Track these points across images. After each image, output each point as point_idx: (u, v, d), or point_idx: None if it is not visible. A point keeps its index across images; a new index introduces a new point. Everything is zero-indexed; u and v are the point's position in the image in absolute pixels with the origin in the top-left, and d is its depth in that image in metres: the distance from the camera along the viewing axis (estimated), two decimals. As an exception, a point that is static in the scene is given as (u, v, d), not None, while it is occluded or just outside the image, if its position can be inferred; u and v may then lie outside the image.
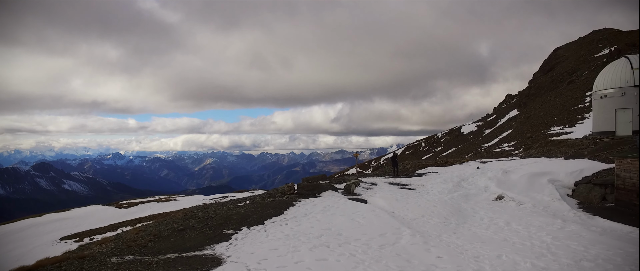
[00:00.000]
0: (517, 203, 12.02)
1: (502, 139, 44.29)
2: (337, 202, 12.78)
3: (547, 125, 37.42)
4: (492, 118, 64.11)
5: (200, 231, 10.27)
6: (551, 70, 58.32)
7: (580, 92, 42.08)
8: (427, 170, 21.84)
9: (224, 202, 16.02)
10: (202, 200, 35.52)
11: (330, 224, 10.03)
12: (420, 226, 9.73)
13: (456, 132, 67.02)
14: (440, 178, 17.71)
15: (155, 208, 32.98)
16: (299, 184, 15.68)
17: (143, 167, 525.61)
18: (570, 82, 47.89)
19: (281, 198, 14.39)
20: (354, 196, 14.56)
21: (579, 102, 39.72)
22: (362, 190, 15.71)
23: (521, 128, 43.01)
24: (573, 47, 60.65)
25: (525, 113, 49.47)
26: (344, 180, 19.39)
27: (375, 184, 17.21)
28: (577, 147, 20.79)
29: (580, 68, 50.27)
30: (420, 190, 15.45)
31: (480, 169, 18.55)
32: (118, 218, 30.20)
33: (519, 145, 36.51)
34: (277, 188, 16.55)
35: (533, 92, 56.42)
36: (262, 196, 15.48)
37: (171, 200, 37.81)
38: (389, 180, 18.83)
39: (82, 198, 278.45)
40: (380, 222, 9.87)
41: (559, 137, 31.39)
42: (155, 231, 10.95)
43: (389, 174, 22.75)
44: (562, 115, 38.30)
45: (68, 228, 29.70)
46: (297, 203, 13.16)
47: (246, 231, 9.97)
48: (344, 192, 15.38)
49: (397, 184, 17.36)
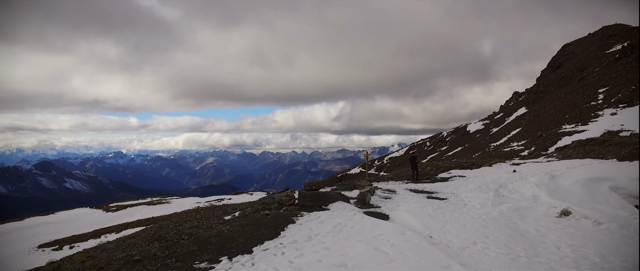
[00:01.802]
0: (594, 222, 8.94)
1: (510, 138, 42.00)
2: (350, 218, 9.72)
3: (559, 124, 35.15)
4: (499, 117, 61.48)
5: (163, 265, 7.30)
6: (560, 67, 55.66)
7: (592, 89, 39.58)
8: (451, 173, 18.99)
9: (209, 214, 13.00)
10: (196, 203, 33.08)
11: (345, 254, 7.04)
12: (479, 263, 6.71)
13: (462, 131, 64.27)
14: (472, 184, 14.74)
15: (145, 212, 30.75)
16: (301, 192, 12.48)
17: (144, 165, 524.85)
18: (581, 79, 45.33)
19: (278, 210, 11.34)
20: (371, 208, 11.48)
21: (591, 99, 37.21)
22: (380, 200, 12.65)
23: (531, 126, 40.61)
24: (583, 44, 57.92)
25: (534, 111, 47.04)
26: (354, 186, 16.17)
27: (394, 191, 14.35)
28: (629, 146, 17.75)
29: (591, 65, 47.72)
30: (452, 200, 12.37)
31: (518, 172, 15.69)
32: (104, 222, 28.13)
33: (529, 144, 34.06)
34: (274, 196, 13.48)
35: (542, 90, 53.91)
36: (254, 207, 12.28)
37: (163, 202, 35.53)
38: (409, 186, 15.90)
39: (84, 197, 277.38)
40: (418, 253, 6.86)
41: (571, 136, 29.03)
42: (104, 262, 7.99)
43: (406, 177, 19.83)
44: (574, 113, 36.00)
45: (50, 233, 27.42)
46: (298, 218, 10.17)
47: (225, 264, 7.02)
48: (357, 203, 12.31)
49: (420, 191, 14.41)
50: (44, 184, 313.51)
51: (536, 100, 52.02)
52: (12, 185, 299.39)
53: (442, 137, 68.77)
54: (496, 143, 40.92)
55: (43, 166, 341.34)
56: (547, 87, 52.29)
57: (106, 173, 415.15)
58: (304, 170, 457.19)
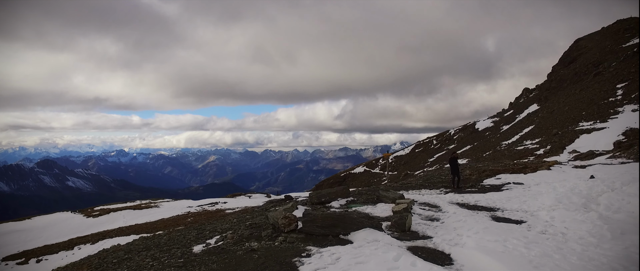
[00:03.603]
0: None
1: (523, 136, 40.89)
2: (391, 263, 5.86)
3: (575, 121, 34.00)
4: (509, 114, 60.32)
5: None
6: (573, 62, 54.30)
7: (609, 85, 38.37)
8: (501, 178, 15.47)
9: (177, 238, 11.09)
10: (187, 207, 30.88)
11: None
12: None
13: (470, 128, 63.15)
14: (541, 195, 11.17)
15: (129, 218, 28.66)
16: (307, 212, 8.25)
17: (147, 164, 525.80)
18: (597, 74, 44.04)
19: (272, 241, 7.68)
20: (417, 240, 7.53)
21: (609, 95, 36.00)
22: (424, 223, 8.79)
23: (545, 124, 39.49)
24: (596, 38, 56.51)
25: (547, 108, 45.87)
26: (378, 198, 11.85)
27: (438, 207, 10.72)
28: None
29: (607, 59, 46.35)
30: (534, 223, 8.60)
31: (599, 179, 12.12)
32: (82, 230, 26.20)
33: (544, 142, 32.98)
34: (268, 214, 9.39)
35: (554, 86, 52.69)
36: (239, 233, 8.92)
37: (152, 206, 33.37)
38: (454, 198, 12.24)
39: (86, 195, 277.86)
40: None
41: (590, 134, 27.89)
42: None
43: (439, 182, 17.05)
44: (591, 110, 34.82)
45: (20, 242, 25.30)
46: (302, 261, 6.30)
47: None
48: (392, 229, 8.24)
49: (474, 207, 10.77)
50: (47, 182, 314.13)
51: (548, 96, 50.84)
52: (14, 183, 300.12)
53: (449, 135, 67.60)
54: (508, 141, 39.80)
55: (45, 164, 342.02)
56: (560, 83, 51.05)
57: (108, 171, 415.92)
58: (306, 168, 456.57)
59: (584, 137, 25.87)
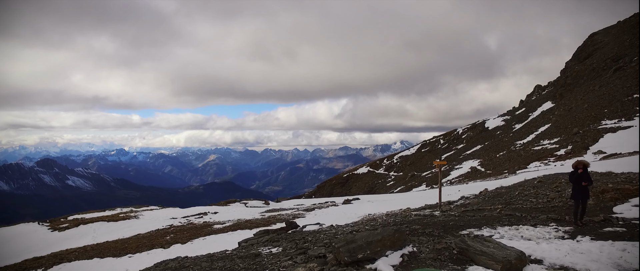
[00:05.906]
0: None
1: (539, 135, 39.12)
2: None
3: (596, 119, 32.25)
4: (521, 112, 58.62)
5: None
6: (589, 58, 52.43)
7: (632, 80, 36.67)
8: None
9: None
10: (170, 219, 27.44)
11: None
12: None
13: (480, 127, 61.45)
14: None
15: (100, 232, 25.20)
16: None
17: (147, 163, 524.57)
18: (618, 70, 42.22)
19: None
20: None
21: (633, 91, 34.35)
22: None
23: (562, 122, 37.78)
24: (613, 32, 54.65)
25: (564, 106, 44.07)
26: (462, 252, 6.13)
27: None
28: None
29: (627, 54, 44.43)
30: None
31: None
32: (42, 247, 22.57)
33: (564, 142, 31.22)
34: None
35: (570, 82, 50.89)
36: None
37: (131, 216, 29.83)
38: (602, 251, 6.06)
39: (86, 195, 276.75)
40: None
41: (615, 133, 26.15)
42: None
43: (534, 209, 10.29)
44: (614, 107, 33.12)
45: None
46: None
47: None
48: None
49: None
50: (47, 181, 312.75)
51: (564, 93, 49.06)
52: (14, 182, 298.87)
53: (457, 134, 65.88)
54: (523, 140, 38.07)
55: (45, 163, 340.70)
56: (576, 79, 49.25)
57: (108, 170, 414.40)
58: (306, 167, 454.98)
59: (608, 136, 24.25)
